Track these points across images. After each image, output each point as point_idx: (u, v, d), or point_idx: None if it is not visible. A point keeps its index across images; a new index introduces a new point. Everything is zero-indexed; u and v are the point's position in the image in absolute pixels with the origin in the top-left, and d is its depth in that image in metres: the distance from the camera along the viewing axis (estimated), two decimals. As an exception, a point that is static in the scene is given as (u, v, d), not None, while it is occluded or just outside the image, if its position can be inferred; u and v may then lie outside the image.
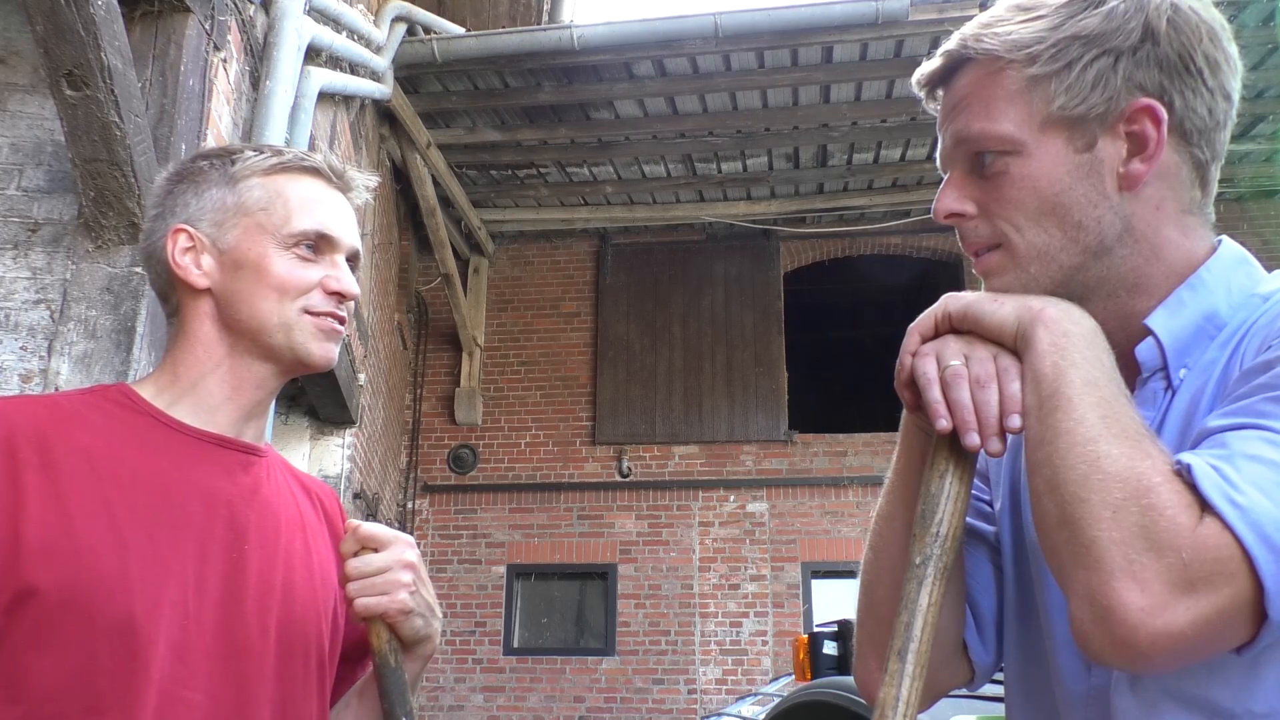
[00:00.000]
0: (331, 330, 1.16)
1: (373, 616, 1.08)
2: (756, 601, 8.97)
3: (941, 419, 0.84)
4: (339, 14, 5.26)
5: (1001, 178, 0.90)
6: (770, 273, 9.77)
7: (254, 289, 1.13)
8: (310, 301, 1.14)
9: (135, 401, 1.10)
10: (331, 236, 1.15)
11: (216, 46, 3.50)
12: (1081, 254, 0.89)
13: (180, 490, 1.05)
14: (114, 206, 2.82)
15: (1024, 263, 0.90)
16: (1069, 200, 0.88)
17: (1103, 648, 0.73)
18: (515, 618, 9.15)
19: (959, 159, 0.93)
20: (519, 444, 9.56)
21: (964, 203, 0.93)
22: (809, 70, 7.32)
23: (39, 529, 0.96)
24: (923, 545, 0.85)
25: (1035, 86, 0.88)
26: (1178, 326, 0.88)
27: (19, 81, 3.10)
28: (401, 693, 1.08)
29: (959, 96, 0.92)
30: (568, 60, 7.14)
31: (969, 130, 0.91)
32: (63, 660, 0.94)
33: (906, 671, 0.81)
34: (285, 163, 1.17)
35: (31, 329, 2.88)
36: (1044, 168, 0.88)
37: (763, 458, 9.32)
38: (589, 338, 9.79)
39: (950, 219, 0.93)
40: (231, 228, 1.14)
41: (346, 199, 1.20)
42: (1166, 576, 0.70)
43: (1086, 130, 0.87)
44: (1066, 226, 0.88)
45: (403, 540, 1.12)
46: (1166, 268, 0.90)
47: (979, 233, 0.93)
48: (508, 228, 9.84)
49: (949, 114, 0.93)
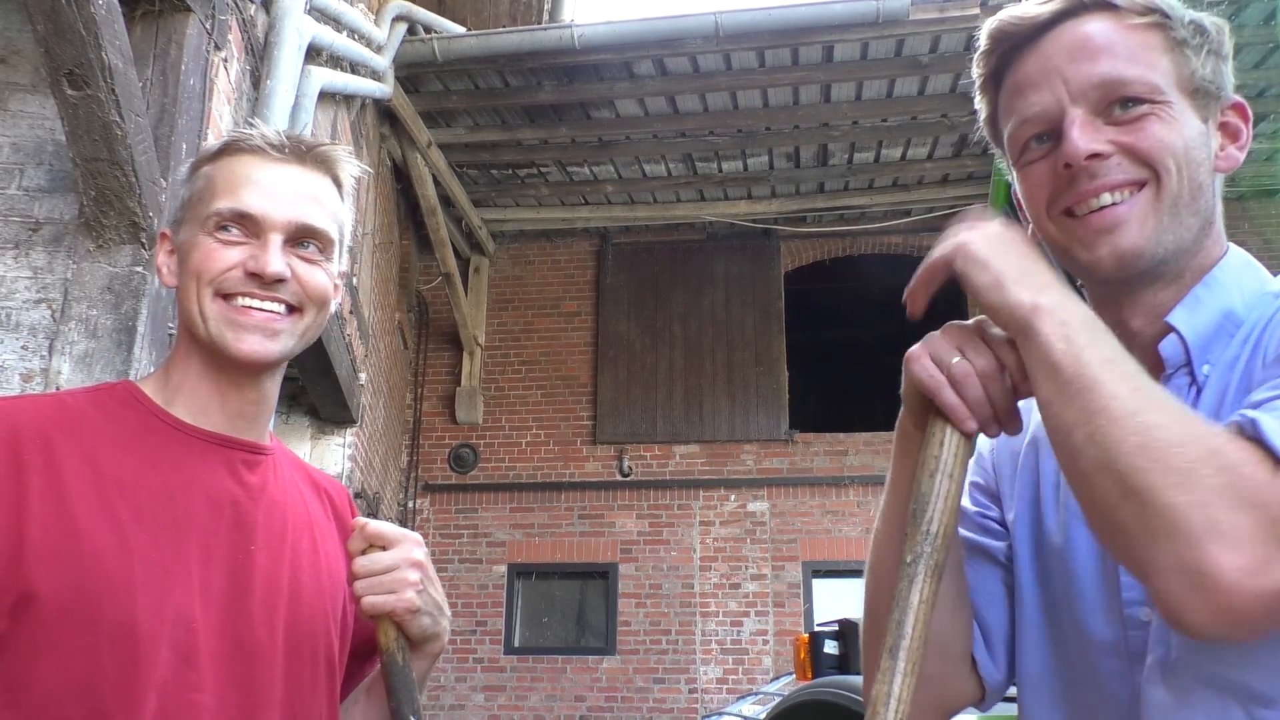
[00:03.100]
0: (247, 319, 1.07)
1: (380, 615, 1.08)
2: (757, 601, 8.97)
3: (968, 420, 0.84)
4: (339, 13, 5.26)
5: (1148, 119, 0.89)
6: (771, 272, 9.77)
7: (183, 280, 1.10)
8: (225, 284, 1.07)
9: (140, 400, 1.09)
10: (251, 214, 1.07)
11: (217, 46, 3.49)
12: (1197, 220, 0.90)
13: (184, 492, 1.04)
14: (115, 206, 2.82)
15: (1164, 208, 0.88)
16: (1196, 159, 0.89)
17: (1202, 618, 0.69)
18: (516, 617, 9.15)
19: (1091, 101, 0.90)
20: (520, 443, 9.56)
21: (1102, 143, 0.89)
22: (810, 69, 7.31)
23: (43, 533, 0.95)
24: (914, 543, 0.84)
25: (1178, 50, 0.91)
26: (1199, 323, 0.89)
27: (20, 81, 3.10)
28: (409, 691, 1.08)
29: (1097, 40, 0.90)
30: (568, 59, 7.14)
31: (1120, 73, 0.89)
32: (65, 665, 0.93)
33: (898, 669, 0.81)
34: (227, 144, 1.12)
35: (33, 328, 2.88)
36: (1181, 123, 0.89)
37: (763, 457, 9.32)
38: (590, 337, 9.79)
39: (1089, 160, 0.89)
40: (184, 223, 1.12)
41: (305, 171, 1.12)
42: (1260, 533, 0.67)
43: (1208, 105, 0.92)
44: (1193, 185, 0.89)
45: (411, 538, 1.11)
46: (1216, 253, 0.93)
47: (1123, 169, 0.89)
48: (508, 227, 9.84)
49: (1076, 53, 0.90)
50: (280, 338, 1.09)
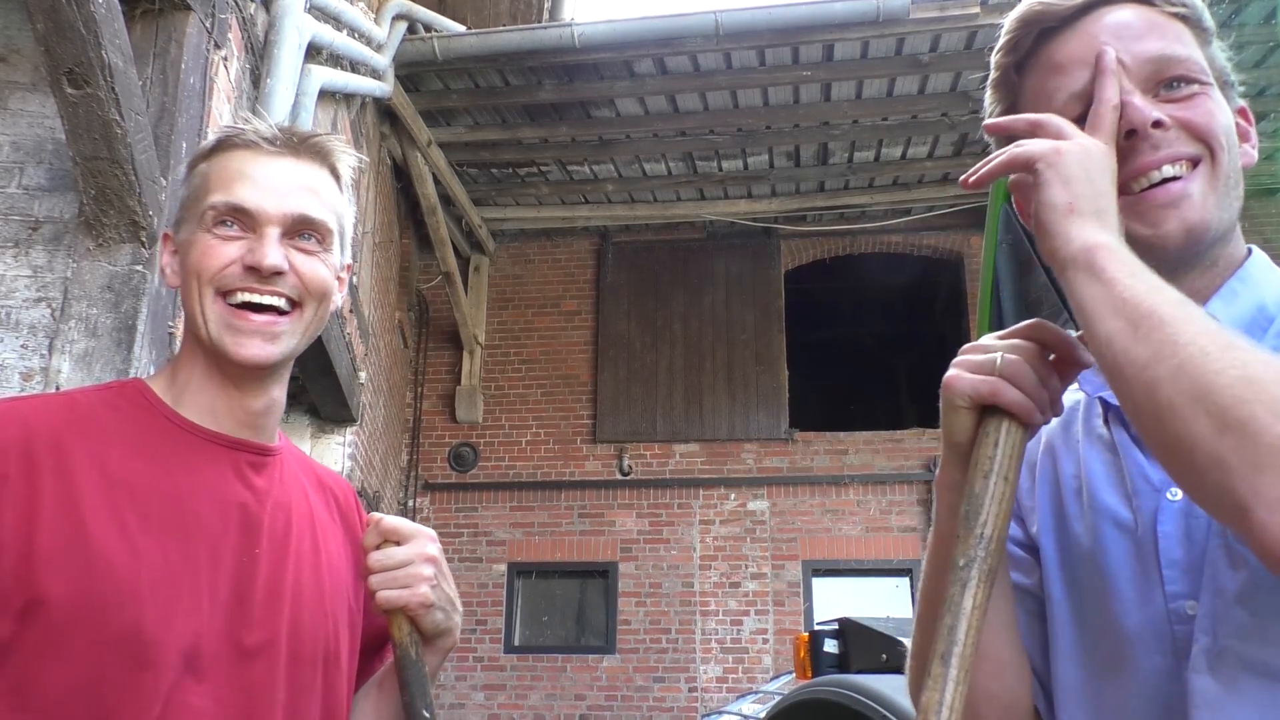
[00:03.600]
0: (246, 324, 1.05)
1: (394, 609, 1.09)
2: (757, 600, 8.97)
3: (1034, 412, 0.85)
4: (339, 12, 5.26)
5: (1200, 98, 0.89)
6: (771, 271, 9.77)
7: (184, 280, 1.08)
8: (223, 280, 1.05)
9: (150, 400, 1.08)
10: (246, 208, 1.06)
11: (217, 44, 3.49)
12: (1238, 203, 0.91)
13: (193, 495, 1.04)
14: (115, 205, 2.82)
15: (1220, 185, 0.89)
16: (1233, 143, 0.91)
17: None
18: (516, 616, 9.16)
19: (1142, 77, 0.90)
20: (520, 442, 9.57)
21: (1163, 114, 0.88)
22: (810, 68, 7.31)
23: (53, 537, 0.95)
24: (966, 547, 0.82)
25: (1206, 44, 0.93)
26: (1235, 316, 0.89)
27: (20, 79, 3.10)
28: (422, 685, 1.09)
29: (1142, 22, 0.91)
30: (569, 58, 7.14)
31: (1173, 52, 0.90)
32: (72, 670, 0.93)
33: (950, 675, 0.78)
34: (221, 140, 1.11)
35: (32, 327, 2.88)
36: (1224, 105, 0.92)
37: (763, 456, 9.32)
38: (590, 336, 9.79)
39: (1156, 127, 0.87)
40: (183, 222, 1.11)
41: (300, 163, 1.11)
42: None
43: (1231, 99, 0.94)
44: (1234, 166, 0.90)
45: (425, 534, 1.12)
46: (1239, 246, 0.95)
47: (1183, 141, 0.88)
48: (508, 226, 9.84)
49: (1122, 32, 0.91)
50: (281, 339, 1.08)
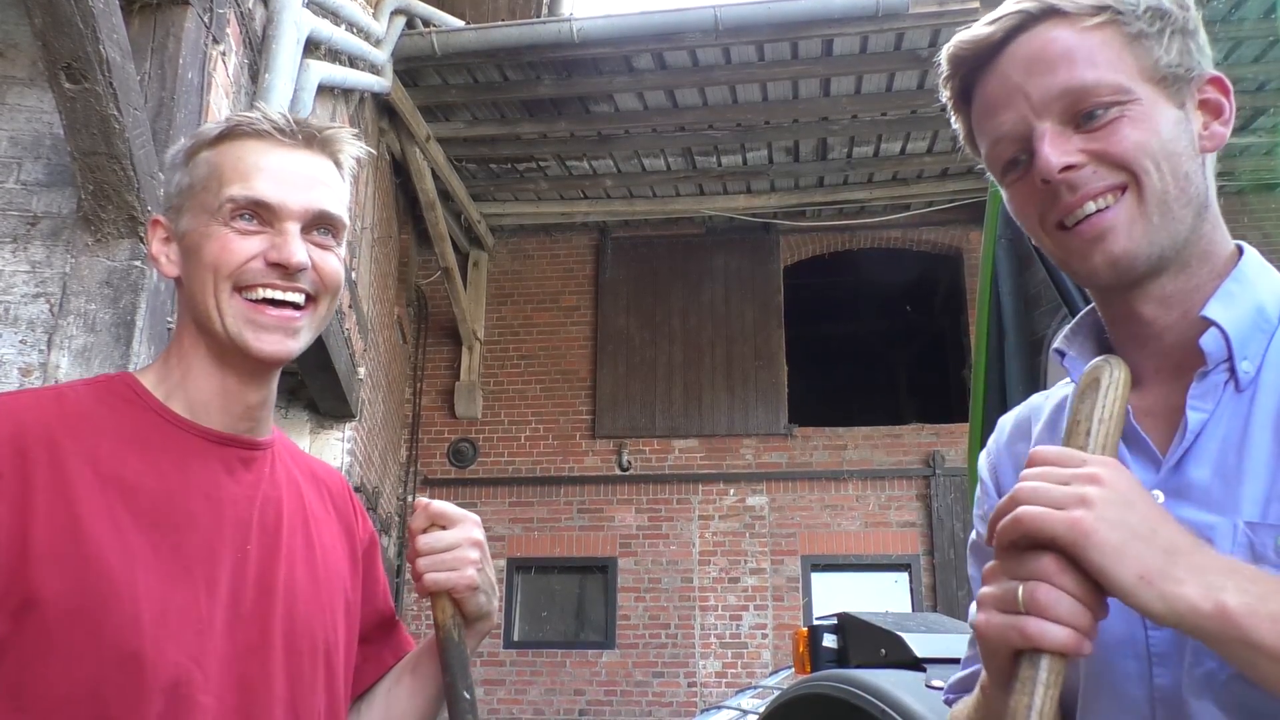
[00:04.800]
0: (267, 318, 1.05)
1: (440, 591, 1.10)
2: (756, 595, 8.98)
3: (1084, 643, 0.77)
4: (338, 7, 5.25)
5: (1119, 123, 0.88)
6: (770, 266, 9.76)
7: (195, 272, 1.06)
8: (244, 276, 1.04)
9: (140, 395, 1.07)
10: (268, 202, 1.04)
11: (215, 39, 3.49)
12: (1190, 210, 0.89)
13: (184, 492, 1.03)
14: (113, 200, 2.81)
15: (1150, 209, 0.88)
16: (1176, 149, 0.89)
17: None
18: (515, 611, 9.17)
19: (1056, 112, 0.89)
20: (519, 438, 9.57)
21: (1074, 155, 0.88)
22: (809, 63, 7.31)
23: (48, 536, 0.94)
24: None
25: (1137, 43, 0.90)
26: (1235, 318, 0.89)
27: (17, 75, 3.09)
28: (464, 666, 1.10)
29: (1053, 50, 0.90)
30: (567, 53, 7.13)
31: (1080, 81, 0.88)
32: (69, 670, 0.93)
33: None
34: (230, 129, 1.08)
35: (31, 323, 2.88)
36: (1155, 117, 0.89)
37: (762, 451, 9.33)
38: (589, 331, 9.79)
39: (1064, 173, 0.88)
40: (185, 211, 1.08)
41: (313, 156, 1.09)
42: None
43: (1180, 89, 0.91)
44: (1178, 176, 0.89)
45: (470, 519, 1.13)
46: (1222, 239, 0.93)
47: (1100, 177, 0.88)
48: (507, 221, 9.83)
49: (1033, 67, 0.90)
50: (300, 334, 1.08)
